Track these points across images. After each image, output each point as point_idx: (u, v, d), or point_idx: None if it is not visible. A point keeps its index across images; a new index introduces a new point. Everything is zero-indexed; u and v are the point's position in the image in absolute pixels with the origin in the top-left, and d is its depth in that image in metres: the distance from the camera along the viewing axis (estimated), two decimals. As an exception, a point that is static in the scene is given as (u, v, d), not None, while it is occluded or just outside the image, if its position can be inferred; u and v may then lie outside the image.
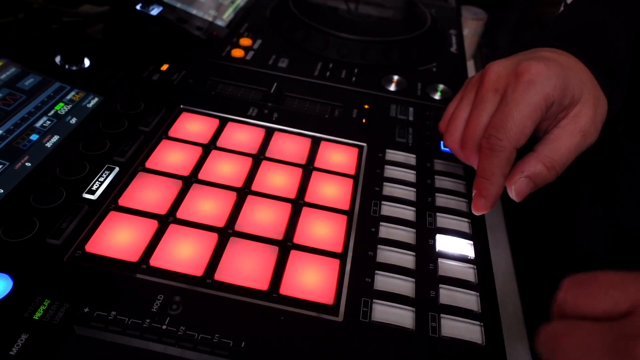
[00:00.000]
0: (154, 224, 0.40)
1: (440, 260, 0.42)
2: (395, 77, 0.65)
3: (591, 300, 0.25)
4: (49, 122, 0.48)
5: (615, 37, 0.45)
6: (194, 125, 0.52)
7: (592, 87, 0.42)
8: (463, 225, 0.45)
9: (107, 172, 0.45)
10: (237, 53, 0.66)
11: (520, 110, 0.39)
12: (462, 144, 0.43)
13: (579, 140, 0.40)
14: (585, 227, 0.58)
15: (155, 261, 0.38)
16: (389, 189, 0.48)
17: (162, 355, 0.33)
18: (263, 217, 0.42)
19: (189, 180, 0.45)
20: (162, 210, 0.42)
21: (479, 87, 0.43)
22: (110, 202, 0.42)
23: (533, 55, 0.42)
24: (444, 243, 0.43)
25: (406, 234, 0.43)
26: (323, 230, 0.42)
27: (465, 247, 0.43)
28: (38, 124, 0.48)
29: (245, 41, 0.69)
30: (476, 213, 0.42)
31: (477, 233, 0.45)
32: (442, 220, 0.45)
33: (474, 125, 0.42)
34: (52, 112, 0.50)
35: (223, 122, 0.53)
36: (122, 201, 0.42)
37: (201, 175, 0.46)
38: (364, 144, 0.53)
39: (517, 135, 0.39)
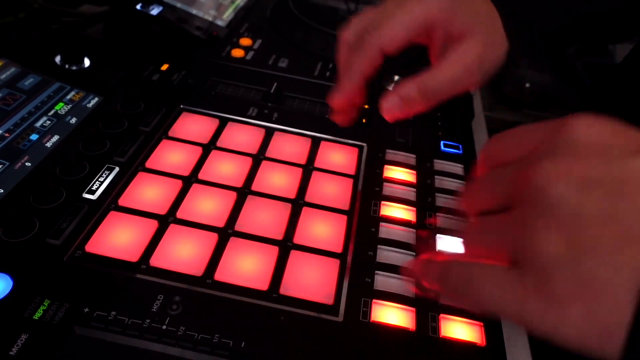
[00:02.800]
0: (154, 224, 0.40)
1: (440, 260, 0.42)
2: (395, 77, 0.65)
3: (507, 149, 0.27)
4: (49, 122, 0.48)
5: None
6: (194, 125, 0.52)
7: (488, 25, 0.40)
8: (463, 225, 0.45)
9: (107, 172, 0.45)
10: (237, 53, 0.66)
11: (398, 16, 0.38)
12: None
13: (460, 74, 0.38)
14: None
15: (155, 261, 0.38)
16: (389, 189, 0.48)
17: (162, 355, 0.33)
18: (263, 217, 0.42)
19: (189, 180, 0.45)
20: (162, 210, 0.42)
21: None
22: (110, 202, 0.42)
23: None
24: (444, 243, 0.43)
25: (406, 234, 0.43)
26: (323, 230, 0.42)
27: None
28: (38, 124, 0.48)
29: (245, 41, 0.69)
30: (330, 103, 0.41)
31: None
32: (442, 220, 0.45)
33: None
34: (52, 112, 0.50)
35: (223, 122, 0.53)
36: (122, 201, 0.42)
37: (201, 175, 0.46)
38: (364, 144, 0.53)
39: (387, 38, 0.38)
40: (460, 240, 0.27)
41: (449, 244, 0.43)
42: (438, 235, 0.44)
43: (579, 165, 0.22)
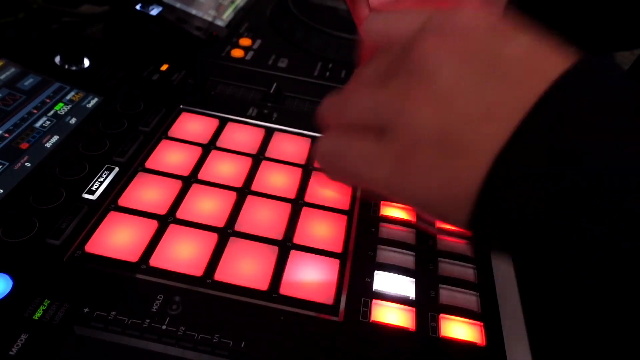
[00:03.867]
0: (153, 224, 0.40)
1: (440, 260, 0.42)
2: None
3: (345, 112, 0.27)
4: (48, 122, 0.48)
5: None
6: (193, 125, 0.52)
7: None
8: (463, 225, 0.45)
9: (106, 172, 0.45)
10: (237, 53, 0.66)
11: None
12: None
13: None
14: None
15: (155, 261, 0.38)
16: (389, 189, 0.48)
17: (162, 355, 0.33)
18: (263, 217, 0.42)
19: (189, 180, 0.45)
20: (162, 210, 0.42)
21: None
22: (110, 202, 0.42)
23: None
24: (444, 243, 0.43)
25: (406, 234, 0.43)
26: (323, 230, 0.42)
27: (465, 247, 0.43)
28: (38, 124, 0.48)
29: (245, 41, 0.69)
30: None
31: (477, 233, 0.45)
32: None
33: None
34: (52, 112, 0.50)
35: (223, 122, 0.53)
36: (122, 201, 0.42)
37: (201, 175, 0.46)
38: (364, 144, 0.53)
39: None
40: (333, 103, 0.28)
41: (448, 244, 0.43)
42: (438, 235, 0.44)
43: (460, 40, 0.23)
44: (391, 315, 0.37)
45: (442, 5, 0.25)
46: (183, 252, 0.39)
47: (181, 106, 0.55)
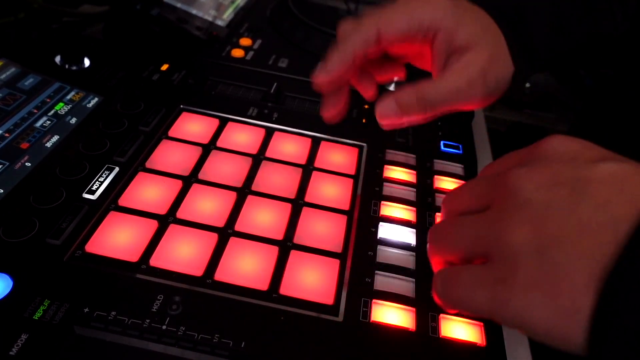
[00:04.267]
0: (154, 224, 0.40)
1: (440, 260, 0.42)
2: (395, 77, 0.65)
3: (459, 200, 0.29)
4: (49, 122, 0.48)
5: (535, 14, 0.43)
6: (194, 125, 0.52)
7: (494, 41, 0.39)
8: (463, 225, 0.45)
9: (107, 172, 0.45)
10: (237, 53, 0.66)
11: (403, 10, 0.38)
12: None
13: (461, 86, 0.36)
14: None
15: (155, 261, 0.38)
16: (389, 189, 0.48)
17: (162, 355, 0.33)
18: (263, 217, 0.42)
19: (189, 180, 0.45)
20: (162, 210, 0.42)
21: None
22: (110, 202, 0.42)
23: None
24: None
25: (406, 234, 0.43)
26: (323, 230, 0.42)
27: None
28: (38, 124, 0.48)
29: (245, 41, 0.69)
30: (314, 80, 0.39)
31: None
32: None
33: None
34: (52, 112, 0.50)
35: (223, 122, 0.53)
36: (122, 201, 0.42)
37: (201, 175, 0.46)
38: (364, 144, 0.53)
39: (386, 21, 0.37)
40: (437, 238, 0.29)
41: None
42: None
43: (549, 170, 0.25)
44: (391, 315, 0.37)
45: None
46: (183, 252, 0.39)
47: (181, 106, 0.55)
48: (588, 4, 0.46)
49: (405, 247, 0.42)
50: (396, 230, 0.44)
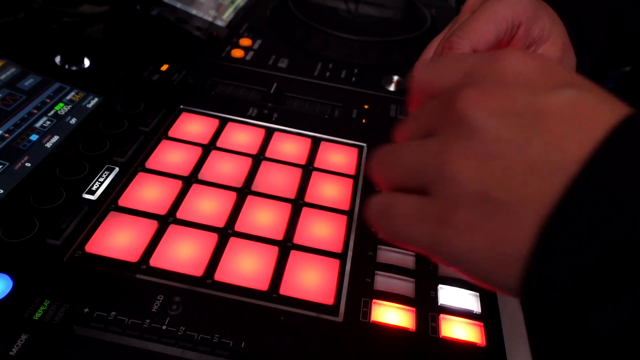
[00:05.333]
0: (154, 224, 0.40)
1: (440, 260, 0.42)
2: (395, 77, 0.65)
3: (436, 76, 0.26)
4: (48, 123, 0.48)
5: (593, 11, 0.47)
6: (193, 126, 0.52)
7: (564, 34, 0.43)
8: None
9: (107, 172, 0.45)
10: (237, 53, 0.66)
11: (485, 15, 0.39)
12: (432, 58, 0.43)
13: None
14: None
15: (155, 261, 0.38)
16: (389, 189, 0.48)
17: (162, 355, 0.33)
18: (263, 217, 0.42)
19: (189, 181, 0.45)
20: (162, 210, 0.42)
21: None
22: (110, 202, 0.42)
23: None
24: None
25: (406, 234, 0.43)
26: (323, 230, 0.42)
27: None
28: (38, 124, 0.48)
29: (245, 41, 0.69)
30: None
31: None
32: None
33: (445, 35, 0.43)
34: (52, 112, 0.50)
35: (223, 122, 0.53)
36: (122, 201, 0.42)
37: (201, 176, 0.46)
38: (364, 144, 0.53)
39: (477, 37, 0.39)
40: (380, 160, 0.27)
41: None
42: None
43: (503, 95, 0.22)
44: (391, 315, 0.37)
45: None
46: (183, 252, 0.39)
47: (181, 106, 0.55)
48: None
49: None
50: (396, 230, 0.43)
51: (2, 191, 0.41)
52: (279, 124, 0.54)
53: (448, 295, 0.39)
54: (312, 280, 0.38)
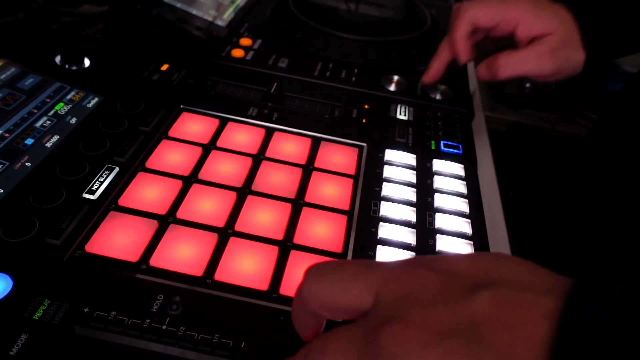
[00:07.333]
0: (154, 224, 0.40)
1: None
2: (395, 77, 0.65)
3: (333, 294, 0.24)
4: (49, 122, 0.48)
5: (610, 12, 0.52)
6: (194, 125, 0.52)
7: (567, 29, 0.50)
8: (463, 225, 0.45)
9: (107, 172, 0.45)
10: (237, 53, 0.66)
11: (488, 4, 0.51)
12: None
13: (529, 57, 0.49)
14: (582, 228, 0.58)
15: (155, 261, 0.38)
16: (389, 189, 0.48)
17: (162, 355, 0.33)
18: (263, 217, 0.42)
19: (189, 180, 0.45)
20: (162, 210, 0.42)
21: None
22: (110, 202, 0.42)
23: None
24: (444, 243, 0.43)
25: (406, 234, 0.43)
26: (323, 230, 0.42)
27: (465, 248, 0.43)
28: (38, 124, 0.48)
29: (245, 41, 0.69)
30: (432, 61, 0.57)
31: (477, 233, 0.45)
32: (442, 220, 0.45)
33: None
34: (52, 112, 0.50)
35: (223, 122, 0.53)
36: (122, 201, 0.42)
37: (201, 175, 0.46)
38: (364, 144, 0.53)
39: (478, 9, 0.51)
40: None
41: (448, 244, 0.43)
42: (438, 236, 0.44)
43: (428, 319, 0.20)
44: (391, 315, 0.37)
45: None
46: (183, 252, 0.39)
47: (181, 106, 0.55)
48: None
49: (405, 247, 0.42)
50: (396, 230, 0.44)
51: (2, 191, 0.41)
52: (279, 123, 0.54)
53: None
54: (312, 280, 0.38)
